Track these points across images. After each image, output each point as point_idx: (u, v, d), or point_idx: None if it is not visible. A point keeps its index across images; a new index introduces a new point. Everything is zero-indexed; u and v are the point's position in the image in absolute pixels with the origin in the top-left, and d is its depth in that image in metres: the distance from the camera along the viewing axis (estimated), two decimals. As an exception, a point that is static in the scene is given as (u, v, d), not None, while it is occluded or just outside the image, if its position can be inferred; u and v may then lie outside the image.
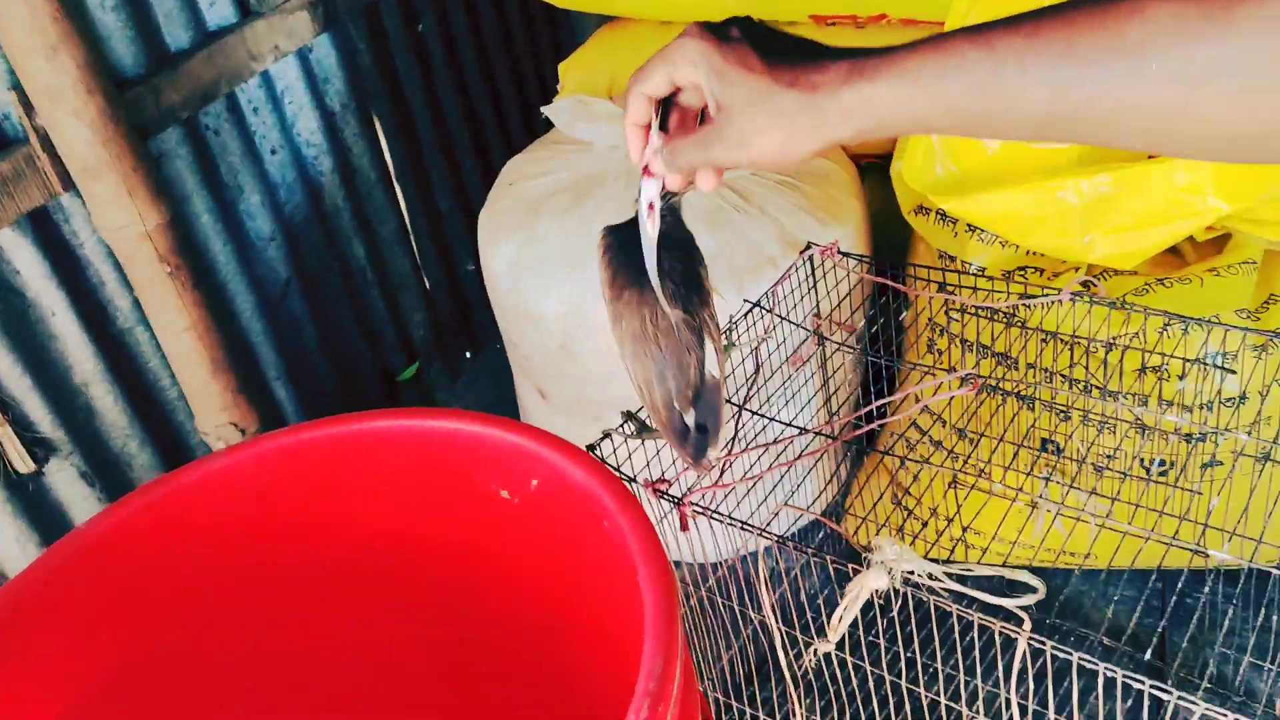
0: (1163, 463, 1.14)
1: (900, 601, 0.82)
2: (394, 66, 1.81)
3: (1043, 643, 0.75)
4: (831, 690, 1.04)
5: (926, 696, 0.89)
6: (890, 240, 1.47)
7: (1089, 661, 0.73)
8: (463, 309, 2.05)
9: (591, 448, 0.97)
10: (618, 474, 0.96)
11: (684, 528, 0.92)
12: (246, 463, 0.82)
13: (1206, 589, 1.22)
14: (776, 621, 0.92)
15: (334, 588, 0.85)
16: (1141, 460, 1.14)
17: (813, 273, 1.19)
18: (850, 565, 0.83)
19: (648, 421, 0.99)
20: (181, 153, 1.43)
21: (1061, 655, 0.74)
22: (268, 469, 0.83)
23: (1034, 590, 0.76)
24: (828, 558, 0.85)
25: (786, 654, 0.94)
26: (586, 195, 1.28)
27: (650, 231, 0.75)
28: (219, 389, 1.41)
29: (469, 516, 0.84)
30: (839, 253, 1.17)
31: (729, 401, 1.03)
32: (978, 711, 0.86)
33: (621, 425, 0.99)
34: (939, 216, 1.25)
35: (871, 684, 0.93)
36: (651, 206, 0.74)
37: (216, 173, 1.51)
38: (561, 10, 1.96)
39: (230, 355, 1.42)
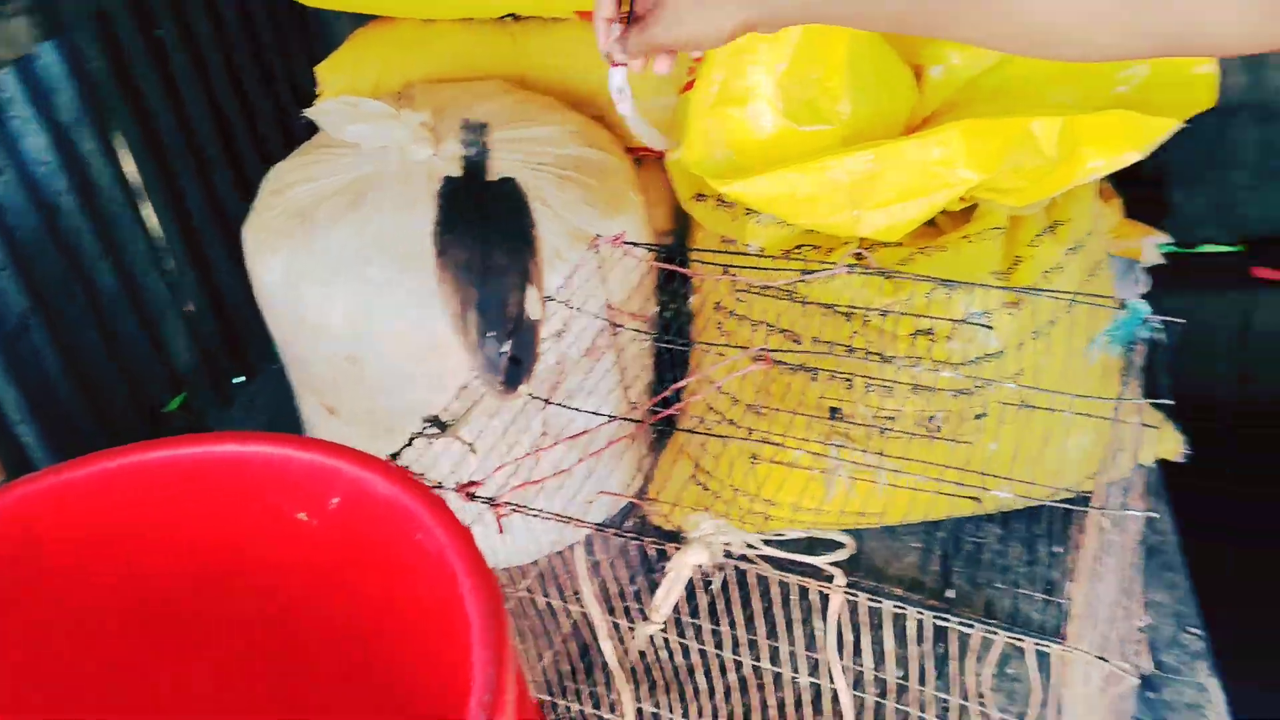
0: (933, 418, 1.22)
1: (721, 576, 0.84)
2: (132, 76, 1.67)
3: (855, 595, 0.78)
4: (656, 672, 1.05)
5: (749, 664, 0.91)
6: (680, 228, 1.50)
7: (899, 607, 0.77)
8: (230, 331, 1.92)
9: (395, 456, 0.93)
10: (424, 481, 0.93)
11: (500, 529, 0.90)
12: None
13: (998, 531, 1.32)
14: (601, 610, 0.92)
15: (130, 635, 0.78)
16: (920, 419, 1.22)
17: (601, 264, 1.19)
18: (670, 545, 0.84)
19: (450, 421, 0.97)
20: (-116, 175, 1.27)
21: (873, 605, 0.78)
22: (28, 517, 0.75)
23: (842, 546, 0.79)
24: (646, 540, 0.86)
25: (611, 642, 0.94)
26: (361, 198, 1.23)
27: (626, 110, 0.95)
28: (-47, 438, 1.26)
29: (269, 543, 0.79)
30: (626, 243, 1.18)
31: (534, 397, 1.02)
32: (798, 672, 0.89)
33: (423, 429, 0.96)
34: (717, 202, 1.29)
35: (695, 659, 0.94)
36: (621, 91, 0.94)
37: (-70, 197, 1.35)
38: (311, 11, 1.88)
39: (-36, 399, 1.27)
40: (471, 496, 0.89)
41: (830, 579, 0.82)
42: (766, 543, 0.91)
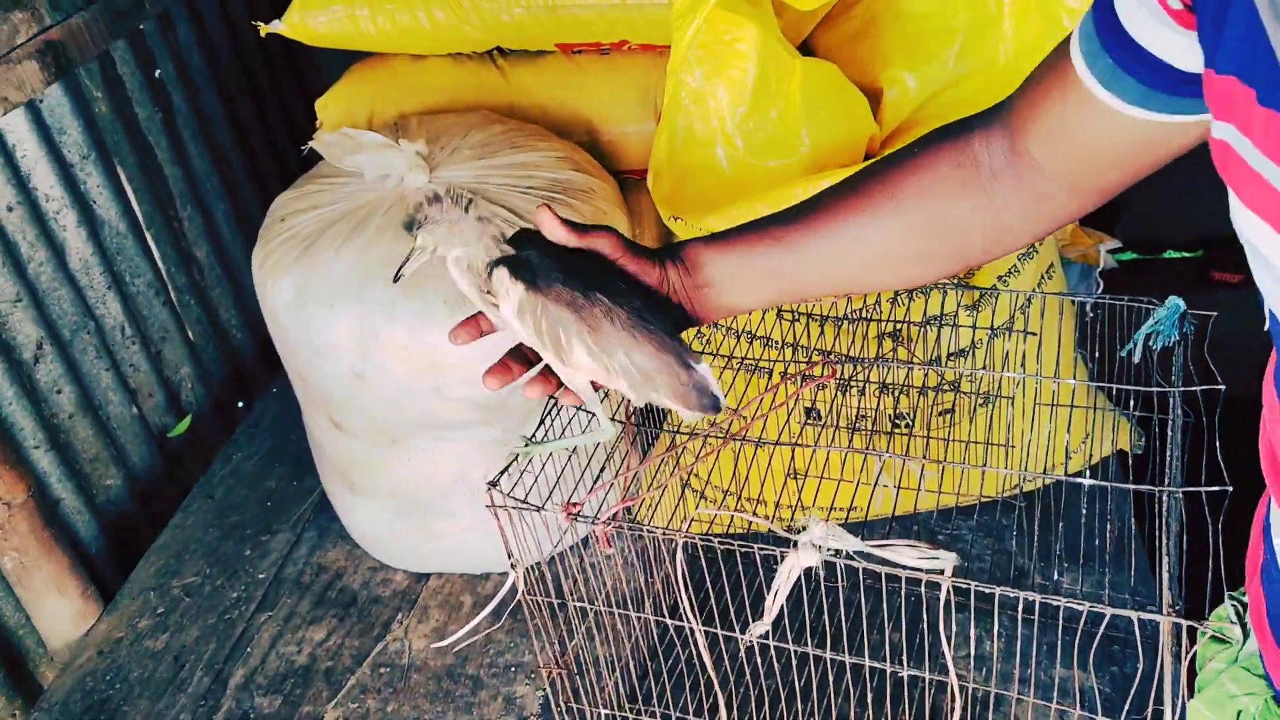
0: (902, 416, 1.30)
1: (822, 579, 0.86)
2: (134, 115, 1.75)
3: (967, 584, 0.82)
4: (748, 677, 1.06)
5: (850, 661, 0.94)
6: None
7: (1009, 592, 0.82)
8: (232, 358, 2.00)
9: (493, 484, 0.94)
10: (524, 506, 0.94)
11: (607, 544, 0.91)
12: None
13: (969, 524, 1.39)
14: (697, 619, 0.92)
15: None
16: (890, 416, 1.30)
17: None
18: (778, 549, 0.85)
19: (539, 440, 0.96)
20: (-92, 214, 1.33)
21: (982, 591, 0.84)
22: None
23: (936, 557, 0.83)
24: (755, 546, 0.87)
25: (706, 651, 0.95)
26: (363, 224, 1.31)
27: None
28: (-25, 462, 1.32)
29: None
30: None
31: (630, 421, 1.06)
32: (901, 666, 0.94)
33: (524, 446, 0.93)
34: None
35: (793, 662, 0.97)
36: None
37: (-51, 234, 1.41)
38: (302, 49, 1.96)
39: (-14, 424, 1.33)
40: (574, 517, 0.92)
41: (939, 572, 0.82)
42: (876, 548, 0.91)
